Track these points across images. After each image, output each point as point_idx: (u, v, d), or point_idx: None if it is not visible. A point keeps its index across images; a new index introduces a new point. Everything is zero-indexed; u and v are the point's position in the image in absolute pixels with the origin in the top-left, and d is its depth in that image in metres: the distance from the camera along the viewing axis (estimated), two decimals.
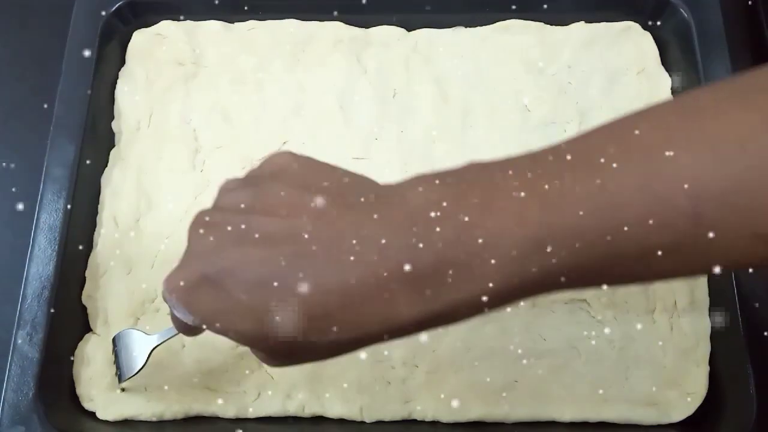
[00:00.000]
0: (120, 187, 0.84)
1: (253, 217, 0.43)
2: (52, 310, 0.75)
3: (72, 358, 0.77)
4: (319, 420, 0.76)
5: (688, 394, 0.76)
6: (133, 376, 0.73)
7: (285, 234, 0.41)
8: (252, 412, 0.75)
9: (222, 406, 0.75)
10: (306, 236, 0.40)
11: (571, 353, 0.77)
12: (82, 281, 0.80)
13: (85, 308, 0.80)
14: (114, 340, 0.75)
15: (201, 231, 0.46)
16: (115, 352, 0.75)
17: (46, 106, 0.85)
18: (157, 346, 0.72)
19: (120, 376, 0.74)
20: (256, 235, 0.42)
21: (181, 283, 0.45)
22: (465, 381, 0.76)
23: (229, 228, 0.44)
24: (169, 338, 0.71)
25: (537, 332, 0.78)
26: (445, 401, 0.75)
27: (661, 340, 0.78)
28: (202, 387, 0.76)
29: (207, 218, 0.47)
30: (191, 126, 0.87)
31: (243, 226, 0.43)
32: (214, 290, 0.43)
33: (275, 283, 0.40)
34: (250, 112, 0.88)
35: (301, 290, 0.39)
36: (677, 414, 0.75)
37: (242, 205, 0.45)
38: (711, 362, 0.77)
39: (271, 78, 0.90)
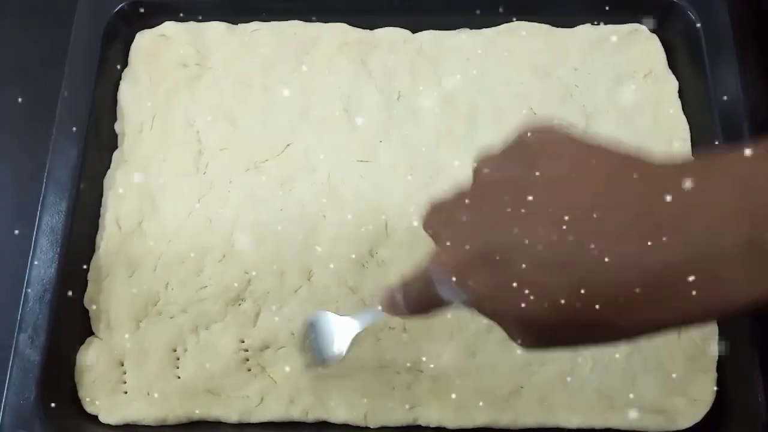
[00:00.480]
0: (123, 190, 0.84)
1: (532, 193, 0.40)
2: (54, 313, 0.75)
3: (74, 362, 0.77)
4: (323, 425, 0.75)
5: (696, 401, 0.75)
6: (340, 361, 0.70)
7: (573, 210, 0.38)
8: (255, 417, 0.75)
9: (225, 411, 0.75)
10: (600, 212, 0.37)
11: (577, 359, 0.77)
12: (85, 284, 0.80)
13: (87, 311, 0.79)
14: (309, 324, 0.73)
15: (468, 208, 0.44)
16: (310, 337, 0.72)
17: (48, 107, 0.85)
18: (360, 332, 0.69)
19: (320, 361, 0.71)
20: (539, 212, 0.39)
21: (456, 261, 0.43)
22: (470, 387, 0.75)
23: (504, 205, 0.41)
24: (373, 322, 0.69)
25: None
26: (450, 407, 0.74)
27: (668, 346, 0.77)
28: (204, 391, 0.75)
29: (473, 196, 0.44)
30: (195, 128, 0.87)
31: (520, 203, 0.40)
32: (492, 269, 0.41)
33: (570, 263, 0.37)
34: (255, 115, 0.87)
35: (605, 271, 0.36)
36: (684, 421, 0.74)
37: (514, 181, 0.42)
38: (718, 369, 0.76)
39: (275, 80, 0.89)
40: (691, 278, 0.36)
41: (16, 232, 0.82)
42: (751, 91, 0.86)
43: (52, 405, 0.73)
